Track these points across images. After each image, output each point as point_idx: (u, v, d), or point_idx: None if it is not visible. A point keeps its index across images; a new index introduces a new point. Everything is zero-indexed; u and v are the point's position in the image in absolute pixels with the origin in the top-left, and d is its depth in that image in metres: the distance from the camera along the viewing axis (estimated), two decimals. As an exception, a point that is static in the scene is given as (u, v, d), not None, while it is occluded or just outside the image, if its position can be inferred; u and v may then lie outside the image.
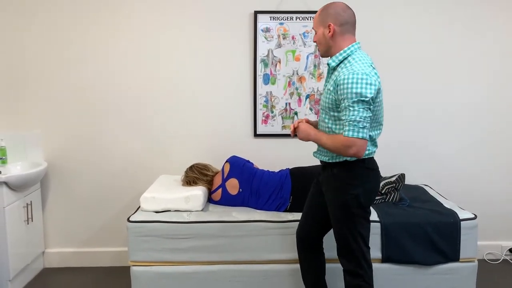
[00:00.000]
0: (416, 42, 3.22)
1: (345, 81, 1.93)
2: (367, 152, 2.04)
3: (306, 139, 2.13)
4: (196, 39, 3.20)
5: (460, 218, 2.62)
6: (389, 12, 3.20)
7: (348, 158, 2.04)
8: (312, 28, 2.16)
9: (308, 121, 2.23)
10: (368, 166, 2.10)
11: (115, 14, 3.15)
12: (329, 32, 2.04)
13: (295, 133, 2.19)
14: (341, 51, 2.05)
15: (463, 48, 3.24)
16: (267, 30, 3.18)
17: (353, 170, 2.07)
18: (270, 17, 3.16)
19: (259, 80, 3.24)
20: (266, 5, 3.16)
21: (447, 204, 2.82)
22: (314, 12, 3.11)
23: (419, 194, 3.02)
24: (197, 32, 3.19)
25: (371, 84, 1.92)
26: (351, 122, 1.91)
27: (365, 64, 1.99)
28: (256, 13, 3.15)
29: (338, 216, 2.12)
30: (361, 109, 1.90)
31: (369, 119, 1.93)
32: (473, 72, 3.27)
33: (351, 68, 1.96)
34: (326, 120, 2.09)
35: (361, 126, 1.90)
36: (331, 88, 2.02)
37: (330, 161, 2.11)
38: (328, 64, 2.11)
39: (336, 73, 2.05)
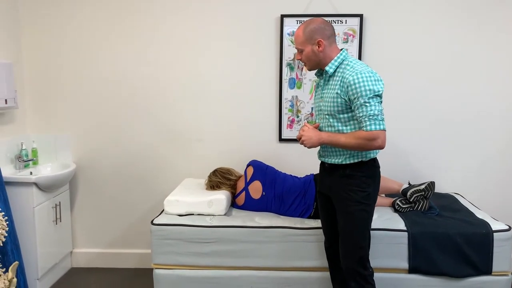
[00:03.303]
0: (453, 50, 3.12)
1: (356, 81, 2.02)
2: (376, 151, 2.14)
3: (317, 143, 2.13)
4: (222, 43, 3.20)
5: (493, 229, 2.50)
6: (416, 22, 3.11)
7: (364, 158, 2.12)
8: (296, 47, 2.21)
9: (317, 126, 2.22)
10: (377, 164, 2.20)
11: (144, 20, 3.19)
12: (319, 47, 2.13)
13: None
14: (335, 58, 2.14)
15: (493, 55, 3.11)
16: (293, 34, 3.15)
17: (366, 169, 2.14)
18: (297, 20, 3.13)
19: (285, 84, 3.21)
20: (293, 9, 3.14)
21: (479, 214, 2.70)
22: (342, 15, 3.10)
23: (450, 203, 2.91)
24: (223, 36, 3.20)
25: (379, 80, 2.04)
26: (371, 117, 1.99)
27: (364, 65, 2.09)
28: (283, 16, 3.13)
29: (351, 215, 2.13)
30: (377, 103, 2.01)
31: (383, 111, 2.04)
32: (503, 78, 3.13)
33: (354, 69, 2.05)
34: (335, 124, 2.13)
35: (380, 119, 2.01)
36: (339, 91, 2.08)
37: (344, 162, 2.15)
38: (326, 71, 2.16)
39: (336, 78, 2.13)
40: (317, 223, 2.61)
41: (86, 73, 3.26)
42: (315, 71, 2.28)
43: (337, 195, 2.19)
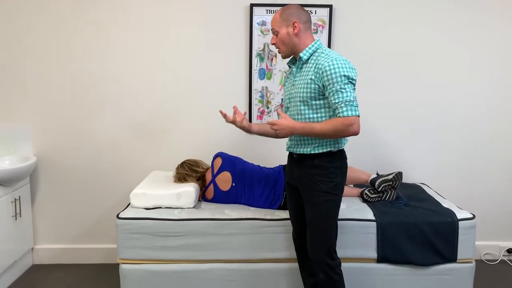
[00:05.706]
0: (421, 42, 3.16)
1: (331, 67, 2.01)
2: (345, 141, 2.17)
3: (289, 133, 2.11)
4: (190, 32, 3.12)
5: (458, 218, 2.56)
6: (402, 15, 3.13)
7: (333, 148, 2.12)
8: (272, 29, 2.19)
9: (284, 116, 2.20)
10: (344, 156, 2.21)
11: (108, 8, 3.07)
12: (294, 30, 2.12)
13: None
14: (310, 45, 2.14)
15: (468, 49, 3.17)
16: (263, 23, 3.11)
17: (335, 159, 2.15)
18: (267, 10, 3.09)
19: (255, 75, 3.17)
20: (262, -3, 3.09)
21: (445, 203, 2.76)
22: (312, 5, 3.08)
23: (417, 193, 2.96)
24: (191, 25, 3.12)
25: (352, 68, 2.05)
26: (346, 103, 1.99)
27: (338, 54, 2.09)
28: (252, 6, 3.08)
29: (319, 205, 2.13)
30: (352, 90, 2.02)
31: (357, 98, 2.05)
32: (476, 73, 3.20)
33: (329, 56, 2.06)
34: (306, 112, 2.12)
35: (355, 105, 2.01)
36: (313, 77, 2.07)
37: (313, 152, 2.14)
38: (300, 58, 2.16)
39: (310, 64, 2.12)
40: (287, 214, 2.59)
41: (47, 62, 3.11)
42: (288, 60, 2.26)
43: (305, 185, 2.18)
